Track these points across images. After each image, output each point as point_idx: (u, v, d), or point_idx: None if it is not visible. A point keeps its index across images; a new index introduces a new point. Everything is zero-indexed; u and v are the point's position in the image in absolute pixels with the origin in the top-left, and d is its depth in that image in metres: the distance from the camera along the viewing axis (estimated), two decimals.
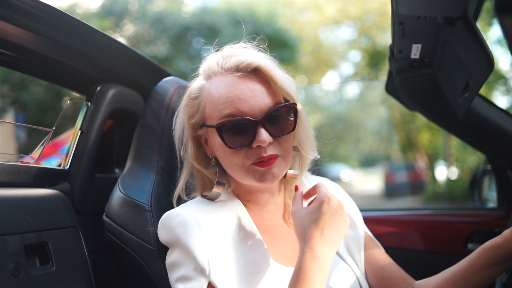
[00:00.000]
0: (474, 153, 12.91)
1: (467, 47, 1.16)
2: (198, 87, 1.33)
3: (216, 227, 1.24)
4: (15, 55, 1.49)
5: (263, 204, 1.38)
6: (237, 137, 1.23)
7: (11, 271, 1.16)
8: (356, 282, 1.39)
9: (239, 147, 1.23)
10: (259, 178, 1.25)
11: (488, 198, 2.71)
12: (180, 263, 1.20)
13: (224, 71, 1.29)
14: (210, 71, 1.32)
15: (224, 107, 1.23)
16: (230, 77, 1.26)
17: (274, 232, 1.36)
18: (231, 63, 1.28)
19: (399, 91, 1.85)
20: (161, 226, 1.28)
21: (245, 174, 1.26)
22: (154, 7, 12.90)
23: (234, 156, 1.25)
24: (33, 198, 1.36)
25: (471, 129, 1.83)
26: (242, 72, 1.26)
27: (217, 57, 1.33)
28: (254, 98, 1.23)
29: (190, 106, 1.34)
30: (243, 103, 1.22)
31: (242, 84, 1.25)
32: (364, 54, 18.31)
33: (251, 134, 1.22)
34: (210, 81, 1.31)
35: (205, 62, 1.36)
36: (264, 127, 1.22)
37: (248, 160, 1.24)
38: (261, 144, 1.20)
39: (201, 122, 1.32)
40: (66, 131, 1.93)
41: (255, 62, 1.26)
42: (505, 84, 13.62)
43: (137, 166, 1.53)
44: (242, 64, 1.27)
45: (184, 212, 1.24)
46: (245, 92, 1.23)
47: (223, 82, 1.27)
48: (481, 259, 1.27)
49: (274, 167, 1.25)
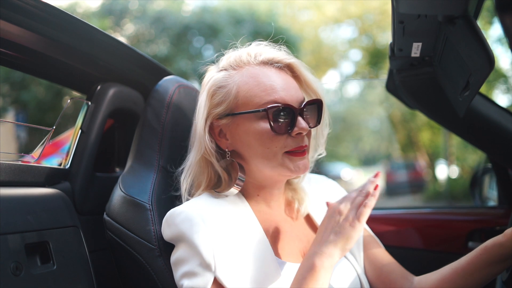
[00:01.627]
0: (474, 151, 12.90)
1: (467, 45, 1.16)
2: (223, 77, 1.33)
3: (221, 223, 1.24)
4: (15, 55, 1.49)
5: (269, 200, 1.39)
6: (280, 123, 1.25)
7: (12, 270, 1.16)
8: (356, 279, 1.40)
9: (282, 133, 1.26)
10: (293, 168, 1.28)
11: (489, 197, 2.70)
12: (185, 259, 1.20)
13: (257, 63, 1.33)
14: (241, 62, 1.34)
15: (266, 93, 1.26)
16: (267, 68, 1.31)
17: (276, 229, 1.37)
18: (266, 56, 1.33)
19: (400, 89, 1.85)
20: (165, 223, 1.28)
21: (279, 163, 1.28)
22: (154, 6, 12.90)
23: (273, 142, 1.26)
24: (33, 197, 1.36)
25: (472, 127, 1.83)
26: (275, 67, 1.32)
27: (247, 51, 1.36)
28: (293, 89, 1.29)
29: (216, 95, 1.32)
30: (285, 92, 1.27)
31: (279, 76, 1.30)
32: (364, 53, 18.31)
33: (291, 122, 1.26)
34: (241, 71, 1.32)
35: (228, 55, 1.38)
36: (302, 117, 1.27)
37: (285, 148, 1.27)
38: (302, 131, 1.25)
39: (229, 111, 1.30)
40: (67, 131, 1.93)
41: (288, 59, 1.34)
42: (506, 82, 13.62)
43: (137, 165, 1.53)
44: (277, 58, 1.33)
45: (189, 209, 1.24)
46: (284, 83, 1.29)
47: (260, 72, 1.30)
48: (482, 257, 1.27)
49: (305, 158, 1.30)
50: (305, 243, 1.40)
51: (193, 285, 1.17)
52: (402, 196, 17.21)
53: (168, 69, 1.93)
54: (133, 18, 12.78)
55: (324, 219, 1.28)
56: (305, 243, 1.40)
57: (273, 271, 1.24)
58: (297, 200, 1.46)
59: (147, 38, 12.67)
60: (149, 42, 12.61)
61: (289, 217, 1.43)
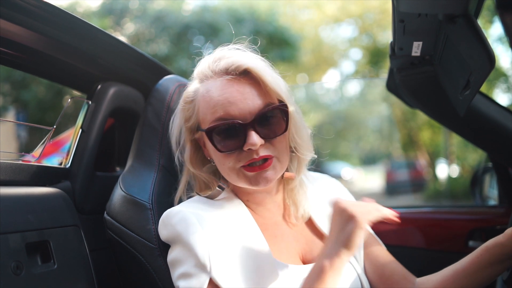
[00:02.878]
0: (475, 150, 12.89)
1: (468, 44, 1.16)
2: (193, 91, 1.33)
3: (217, 224, 1.24)
4: (16, 54, 1.49)
5: (263, 204, 1.38)
6: (228, 141, 1.23)
7: (13, 270, 1.16)
8: (357, 279, 1.39)
9: (230, 151, 1.24)
10: (251, 182, 1.25)
11: (489, 196, 2.71)
12: (181, 260, 1.21)
13: (214, 74, 1.29)
14: (202, 75, 1.32)
15: (214, 110, 1.24)
16: (220, 80, 1.26)
17: (274, 230, 1.36)
18: (221, 66, 1.28)
19: (400, 88, 1.85)
20: (162, 223, 1.28)
21: (237, 177, 1.27)
22: (154, 6, 12.89)
23: (225, 159, 1.26)
24: (34, 196, 1.36)
25: (472, 126, 1.83)
26: (232, 75, 1.26)
27: (208, 60, 1.33)
28: (244, 101, 1.23)
29: (186, 110, 1.34)
30: (233, 106, 1.22)
31: (231, 87, 1.24)
32: (365, 52, 18.29)
33: (242, 137, 1.22)
34: (203, 84, 1.31)
35: (198, 65, 1.36)
36: (254, 129, 1.21)
37: (239, 162, 1.24)
38: (251, 147, 1.20)
39: (197, 125, 1.32)
40: (67, 130, 1.94)
41: (244, 64, 1.25)
42: (506, 81, 13.60)
43: (138, 165, 1.53)
44: (232, 66, 1.26)
45: (185, 209, 1.25)
46: (234, 95, 1.23)
47: (214, 86, 1.27)
48: (483, 257, 1.27)
49: (269, 170, 1.24)
50: (303, 244, 1.39)
51: (189, 286, 1.17)
52: (402, 195, 17.20)
53: (168, 68, 1.93)
54: (134, 18, 12.77)
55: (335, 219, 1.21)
56: (303, 244, 1.39)
57: (270, 272, 1.24)
58: (293, 204, 1.42)
59: (148, 37, 12.66)
60: (150, 41, 12.60)
61: (286, 220, 1.42)
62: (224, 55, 1.31)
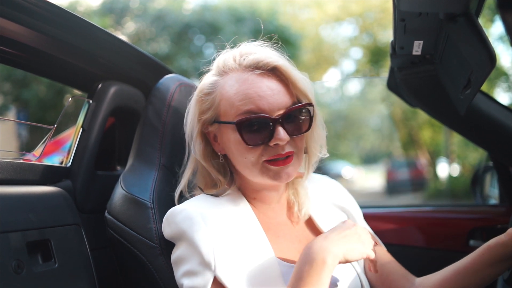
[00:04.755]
0: (475, 150, 12.88)
1: (469, 43, 1.16)
2: (211, 83, 1.32)
3: (221, 223, 1.24)
4: (16, 53, 1.49)
5: (268, 202, 1.38)
6: (255, 134, 1.23)
7: (14, 268, 1.16)
8: (356, 278, 1.39)
9: (257, 145, 1.24)
10: (274, 177, 1.26)
11: (490, 195, 2.70)
12: (185, 257, 1.21)
13: (241, 68, 1.28)
14: (226, 67, 1.31)
15: (242, 103, 1.24)
16: (248, 74, 1.26)
17: (277, 230, 1.36)
18: (250, 61, 1.28)
19: (401, 87, 1.85)
20: (166, 222, 1.28)
21: (259, 172, 1.26)
22: (155, 5, 12.89)
23: (249, 153, 1.25)
24: (35, 195, 1.36)
25: (473, 125, 1.83)
26: (261, 70, 1.26)
27: (234, 54, 1.33)
28: (273, 96, 1.24)
29: (203, 102, 1.32)
30: (263, 101, 1.23)
31: (261, 82, 1.25)
32: (365, 51, 18.28)
33: (269, 132, 1.22)
34: (225, 77, 1.30)
35: (219, 58, 1.35)
36: (282, 125, 1.23)
37: (263, 157, 1.24)
38: (279, 142, 1.22)
39: (214, 118, 1.31)
40: (68, 129, 1.93)
41: (274, 61, 1.27)
42: (507, 80, 13.59)
43: (138, 164, 1.53)
44: (261, 62, 1.27)
45: (189, 208, 1.24)
46: (264, 90, 1.24)
47: (241, 79, 1.26)
48: (485, 256, 1.26)
49: (290, 166, 1.26)
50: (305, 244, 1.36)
51: (193, 284, 1.17)
52: (403, 194, 17.19)
53: (169, 67, 1.93)
54: (134, 17, 12.77)
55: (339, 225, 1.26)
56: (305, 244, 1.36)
57: (273, 272, 1.24)
58: (297, 203, 1.43)
59: (148, 37, 12.66)
60: (150, 41, 12.60)
61: (289, 219, 1.42)
62: (251, 50, 1.31)
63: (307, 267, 1.13)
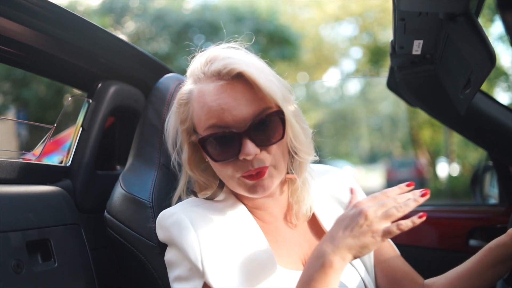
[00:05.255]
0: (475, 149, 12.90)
1: (468, 43, 1.16)
2: (187, 92, 1.26)
3: (212, 228, 1.20)
4: (16, 52, 1.49)
5: (264, 208, 1.32)
6: (223, 149, 1.17)
7: (13, 268, 1.16)
8: (361, 282, 1.35)
9: (226, 160, 1.18)
10: (250, 190, 1.20)
11: (490, 195, 2.70)
12: (175, 262, 1.20)
13: (207, 78, 1.20)
14: (194, 76, 1.25)
15: (207, 117, 1.17)
16: (213, 85, 1.18)
17: (275, 235, 1.32)
18: (213, 70, 1.19)
19: (401, 87, 1.85)
20: (157, 225, 1.26)
21: (237, 185, 1.22)
22: (155, 4, 12.90)
23: (222, 168, 1.20)
24: (35, 195, 1.36)
25: (473, 125, 1.83)
26: (224, 80, 1.17)
27: (200, 61, 1.24)
28: (238, 107, 1.15)
29: (181, 112, 1.26)
30: (226, 113, 1.15)
31: (224, 93, 1.16)
32: (365, 50, 18.29)
33: (237, 146, 1.15)
34: (196, 86, 1.23)
35: (191, 65, 1.29)
36: (249, 137, 1.14)
37: (237, 172, 1.19)
38: (246, 157, 1.14)
39: (193, 128, 1.25)
40: (68, 128, 1.93)
41: (237, 67, 1.15)
42: (507, 80, 13.61)
43: (138, 163, 1.53)
44: (224, 70, 1.17)
45: (179, 212, 1.22)
46: (227, 102, 1.15)
47: (207, 90, 1.18)
48: (487, 258, 1.26)
49: (265, 179, 1.19)
50: (306, 249, 1.34)
51: None
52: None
53: (168, 66, 1.93)
54: (134, 16, 12.77)
55: (344, 216, 1.14)
56: (306, 249, 1.34)
57: (271, 278, 1.20)
58: (296, 203, 1.36)
59: (148, 36, 12.66)
60: (150, 40, 12.61)
61: (289, 222, 1.37)
62: (217, 56, 1.22)
63: (314, 271, 1.09)
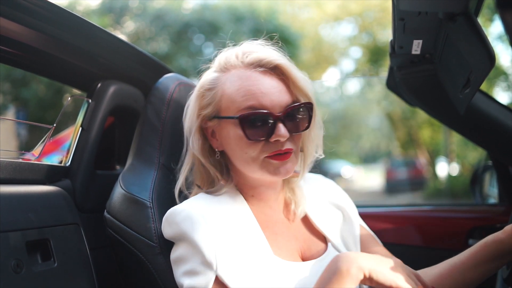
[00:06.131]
0: (475, 149, 12.90)
1: (468, 42, 1.16)
2: (212, 79, 1.34)
3: (221, 221, 1.24)
4: (16, 52, 1.49)
5: (266, 200, 1.39)
6: (256, 130, 1.24)
7: (13, 268, 1.16)
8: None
9: (258, 140, 1.25)
10: (274, 172, 1.27)
11: (489, 194, 2.71)
12: (186, 257, 1.21)
13: (243, 65, 1.31)
14: (228, 64, 1.33)
15: (245, 99, 1.26)
16: (251, 71, 1.29)
17: (274, 228, 1.37)
18: (252, 58, 1.30)
19: (400, 87, 1.85)
20: (165, 222, 1.28)
21: (259, 167, 1.28)
22: (154, 4, 12.88)
23: (250, 148, 1.26)
24: (34, 195, 1.36)
25: (472, 125, 1.83)
26: (264, 68, 1.29)
27: (236, 51, 1.35)
28: (275, 94, 1.26)
29: (203, 97, 1.34)
30: (265, 97, 1.25)
31: (263, 79, 1.27)
32: (365, 50, 18.29)
33: (270, 128, 1.24)
34: (227, 74, 1.32)
35: (220, 55, 1.38)
36: (283, 122, 1.25)
37: (263, 153, 1.26)
38: (279, 138, 1.24)
39: (214, 113, 1.32)
40: (67, 128, 1.93)
41: (275, 60, 1.29)
42: (506, 80, 13.61)
43: (138, 163, 1.53)
44: (264, 60, 1.29)
45: (189, 208, 1.25)
46: (266, 87, 1.26)
47: (243, 75, 1.29)
48: (482, 253, 1.28)
49: (289, 162, 1.28)
50: (302, 242, 1.40)
51: (195, 283, 1.17)
52: (402, 194, 17.20)
53: (168, 66, 1.93)
54: (133, 16, 12.77)
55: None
56: (302, 242, 1.40)
57: (272, 270, 1.24)
58: (294, 201, 1.44)
59: (147, 36, 12.65)
60: (149, 40, 12.60)
61: (286, 217, 1.43)
62: (254, 49, 1.33)
63: (331, 275, 1.13)
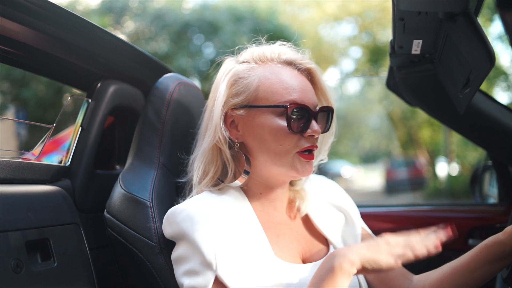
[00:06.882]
0: (475, 149, 12.91)
1: (468, 42, 1.16)
2: (246, 68, 1.34)
3: (222, 222, 1.24)
4: (16, 52, 1.49)
5: (272, 199, 1.38)
6: (297, 123, 1.28)
7: (13, 268, 1.16)
8: (355, 278, 1.39)
9: (296, 132, 1.28)
10: (301, 169, 1.30)
11: (489, 194, 2.71)
12: (186, 257, 1.21)
13: (280, 61, 1.35)
14: (264, 58, 1.35)
15: (287, 92, 1.28)
16: (288, 69, 1.34)
17: (277, 229, 1.36)
18: (291, 57, 1.36)
19: (400, 87, 1.85)
20: (166, 221, 1.28)
21: (291, 161, 1.29)
22: (154, 4, 12.89)
23: (286, 140, 1.27)
24: (34, 194, 1.36)
25: (472, 125, 1.83)
26: (298, 69, 1.35)
27: (271, 48, 1.38)
28: (310, 93, 1.33)
29: (236, 85, 1.33)
30: (304, 94, 1.30)
31: (301, 78, 1.34)
32: (364, 50, 18.30)
33: (306, 123, 1.28)
34: (264, 66, 1.34)
35: (254, 49, 1.39)
36: (316, 120, 1.31)
37: (296, 147, 1.28)
38: (314, 133, 1.29)
39: (246, 102, 1.31)
40: (67, 128, 1.93)
41: (308, 64, 1.36)
42: (506, 80, 13.62)
43: (138, 163, 1.53)
44: (299, 61, 1.35)
45: (190, 207, 1.24)
46: (305, 85, 1.33)
47: (284, 70, 1.33)
48: (482, 254, 1.27)
49: (312, 162, 1.32)
50: (303, 244, 1.40)
51: (194, 283, 1.17)
52: (402, 194, 17.22)
53: (168, 66, 1.93)
54: (133, 16, 12.77)
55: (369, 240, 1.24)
56: (303, 244, 1.40)
57: (273, 272, 1.24)
58: (298, 199, 1.45)
59: (147, 36, 12.66)
60: (149, 40, 12.60)
61: (289, 218, 1.43)
62: (287, 50, 1.39)
63: (325, 272, 1.13)
